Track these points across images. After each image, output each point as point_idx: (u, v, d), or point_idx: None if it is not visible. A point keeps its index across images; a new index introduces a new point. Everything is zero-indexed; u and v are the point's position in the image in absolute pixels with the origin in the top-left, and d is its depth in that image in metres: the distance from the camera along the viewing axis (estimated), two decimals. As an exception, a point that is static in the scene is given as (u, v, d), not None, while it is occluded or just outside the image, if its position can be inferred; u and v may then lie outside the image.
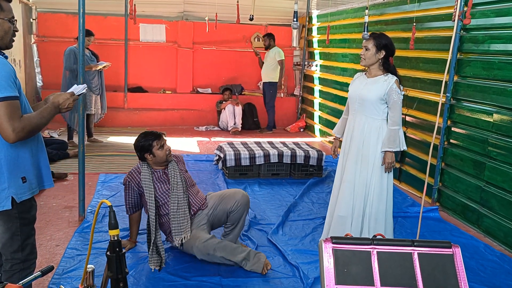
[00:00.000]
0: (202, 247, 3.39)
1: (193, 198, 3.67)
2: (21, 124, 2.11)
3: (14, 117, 2.09)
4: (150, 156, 3.54)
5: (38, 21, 8.76)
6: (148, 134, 3.59)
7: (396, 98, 3.48)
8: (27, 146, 2.29)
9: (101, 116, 7.40)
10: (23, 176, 2.27)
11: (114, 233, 1.62)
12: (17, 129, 2.10)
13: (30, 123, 2.16)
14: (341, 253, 1.48)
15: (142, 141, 3.54)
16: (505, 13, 4.24)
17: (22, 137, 2.14)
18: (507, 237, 4.12)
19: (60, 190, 5.03)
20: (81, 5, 3.95)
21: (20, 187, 2.26)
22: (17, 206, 2.27)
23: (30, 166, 2.31)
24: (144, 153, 3.54)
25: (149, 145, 3.52)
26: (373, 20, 6.48)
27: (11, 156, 2.22)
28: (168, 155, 3.59)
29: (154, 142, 3.52)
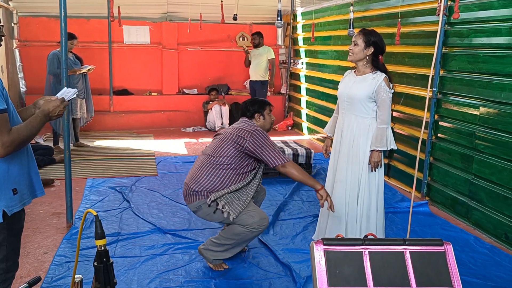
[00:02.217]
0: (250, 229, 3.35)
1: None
2: (10, 138, 2.04)
3: (3, 131, 2.02)
4: (260, 117, 3.51)
5: (19, 26, 8.62)
6: (261, 100, 3.61)
7: (385, 96, 3.44)
8: (17, 157, 2.21)
9: (89, 120, 7.31)
10: (14, 188, 2.20)
11: (101, 243, 1.58)
12: (6, 144, 2.03)
13: (19, 136, 2.09)
14: (332, 255, 1.46)
15: (257, 102, 3.56)
16: (488, 6, 4.26)
17: (11, 151, 2.07)
18: (496, 229, 4.15)
19: (47, 197, 4.95)
20: (63, 8, 3.89)
21: (11, 199, 2.19)
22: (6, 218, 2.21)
23: (21, 176, 2.24)
24: (256, 112, 3.51)
25: (265, 106, 3.54)
26: (357, 16, 6.49)
27: (1, 169, 2.14)
28: (272, 125, 3.63)
29: (268, 106, 3.56)
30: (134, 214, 4.54)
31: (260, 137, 3.32)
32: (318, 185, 3.29)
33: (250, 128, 3.37)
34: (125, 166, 6.26)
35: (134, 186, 5.39)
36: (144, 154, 6.92)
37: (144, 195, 5.12)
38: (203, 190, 3.34)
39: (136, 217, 4.47)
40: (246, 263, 3.59)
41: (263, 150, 3.29)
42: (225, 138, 3.40)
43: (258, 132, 3.34)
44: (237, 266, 3.55)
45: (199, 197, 3.35)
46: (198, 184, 3.36)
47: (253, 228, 3.31)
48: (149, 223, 4.33)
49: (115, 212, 4.58)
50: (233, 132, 3.39)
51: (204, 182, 3.35)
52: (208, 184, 3.34)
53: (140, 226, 4.26)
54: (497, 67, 4.14)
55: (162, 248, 3.81)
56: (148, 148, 7.33)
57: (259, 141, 3.30)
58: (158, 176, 5.84)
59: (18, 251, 2.40)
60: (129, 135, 8.31)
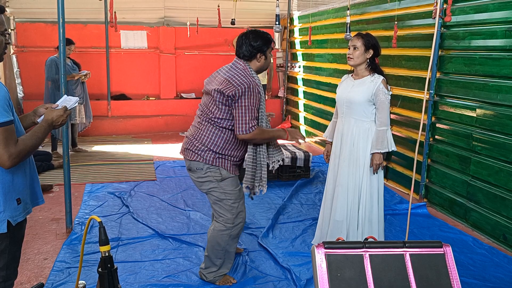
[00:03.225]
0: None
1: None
2: (17, 149, 2.05)
3: (10, 143, 2.03)
4: (261, 56, 3.11)
5: (16, 31, 8.63)
6: (264, 33, 3.14)
7: (383, 98, 3.46)
8: (21, 167, 2.22)
9: (87, 125, 7.33)
10: (18, 198, 2.20)
11: (105, 249, 1.59)
12: (13, 155, 2.04)
13: (26, 147, 2.10)
14: (334, 258, 1.47)
15: (262, 36, 3.09)
16: (484, 9, 4.30)
17: (17, 162, 2.08)
18: (494, 230, 4.17)
19: (46, 202, 4.94)
20: (61, 14, 3.90)
21: (15, 209, 2.19)
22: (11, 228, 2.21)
23: (24, 186, 2.24)
24: (259, 51, 3.08)
25: (268, 44, 3.11)
26: (354, 19, 6.52)
27: (6, 180, 2.15)
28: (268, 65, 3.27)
29: (272, 44, 3.16)
30: (133, 219, 4.55)
31: (249, 94, 2.97)
32: (283, 133, 3.19)
33: (247, 81, 2.99)
34: (123, 171, 6.27)
35: (133, 191, 5.40)
36: (142, 159, 6.93)
37: (143, 200, 5.13)
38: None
39: (135, 222, 4.48)
40: (246, 267, 3.60)
41: (240, 110, 2.97)
42: (215, 92, 3.05)
43: (253, 86, 2.99)
44: (237, 270, 3.56)
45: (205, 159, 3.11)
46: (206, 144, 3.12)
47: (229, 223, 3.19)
48: (149, 227, 4.33)
49: (115, 217, 4.59)
50: (224, 80, 3.05)
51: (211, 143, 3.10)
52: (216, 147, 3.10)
53: (139, 231, 4.27)
54: (493, 69, 4.17)
55: (163, 253, 3.82)
56: (146, 153, 7.34)
57: (244, 99, 2.96)
58: (157, 180, 5.85)
59: (18, 259, 2.40)
60: (127, 140, 8.32)
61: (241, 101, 2.97)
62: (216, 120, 3.06)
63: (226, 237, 3.21)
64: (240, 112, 2.97)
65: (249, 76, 3.03)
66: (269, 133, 3.11)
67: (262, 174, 3.18)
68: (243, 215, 3.27)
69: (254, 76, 3.07)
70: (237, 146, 3.13)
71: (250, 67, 3.10)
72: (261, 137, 3.06)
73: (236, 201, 3.20)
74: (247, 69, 3.08)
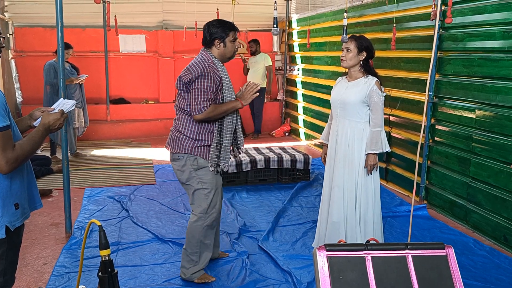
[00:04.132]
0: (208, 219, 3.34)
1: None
2: (15, 155, 2.04)
3: (7, 148, 2.01)
4: (219, 44, 3.25)
5: (15, 36, 8.63)
6: (229, 22, 3.29)
7: (377, 99, 3.49)
8: (19, 172, 2.20)
9: (83, 129, 7.32)
10: (16, 203, 2.19)
11: (106, 253, 1.58)
12: (10, 161, 2.02)
13: (23, 152, 2.09)
14: (335, 260, 1.47)
15: (221, 25, 3.24)
16: (482, 11, 4.30)
17: (15, 167, 2.07)
18: (495, 231, 4.16)
19: (46, 207, 4.93)
20: (59, 19, 3.90)
21: (13, 214, 2.17)
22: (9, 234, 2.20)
23: (21, 191, 2.23)
24: (216, 38, 3.23)
25: (226, 31, 3.24)
26: (352, 22, 6.53)
27: (4, 185, 2.13)
28: (235, 53, 3.36)
29: (231, 32, 3.27)
30: (133, 223, 4.54)
31: (206, 77, 3.14)
32: (236, 103, 3.25)
33: (202, 67, 3.16)
34: (123, 175, 6.26)
35: (133, 195, 5.39)
36: (142, 163, 6.92)
37: (143, 203, 5.12)
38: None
39: (135, 226, 4.46)
40: (247, 271, 3.59)
41: (193, 93, 3.16)
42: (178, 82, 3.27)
43: (206, 72, 3.14)
44: (238, 273, 3.55)
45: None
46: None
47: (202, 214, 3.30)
48: (149, 231, 4.32)
49: (114, 222, 4.58)
50: (185, 69, 3.26)
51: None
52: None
53: (139, 235, 4.26)
54: (492, 70, 4.17)
55: (163, 257, 3.81)
56: (145, 157, 7.33)
57: (197, 83, 3.13)
58: (156, 184, 5.84)
59: (16, 264, 2.38)
60: (127, 144, 8.31)
61: (194, 85, 3.16)
62: (185, 108, 3.25)
63: (200, 227, 3.32)
64: (193, 95, 3.17)
65: (205, 62, 3.21)
66: (222, 107, 3.21)
67: (226, 154, 3.29)
68: (217, 207, 3.39)
69: (215, 62, 3.24)
70: (209, 128, 3.25)
71: (212, 54, 3.28)
72: (215, 113, 3.19)
73: (212, 191, 3.31)
74: (207, 56, 3.26)
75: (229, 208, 4.93)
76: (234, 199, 5.27)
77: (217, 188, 3.37)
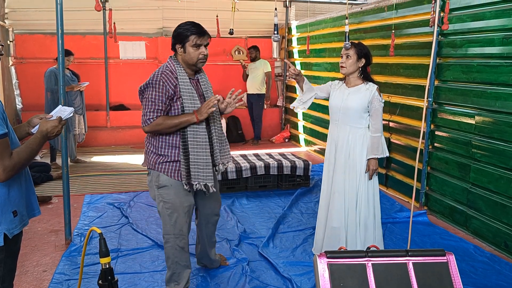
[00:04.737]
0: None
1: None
2: (12, 163, 2.03)
3: (4, 156, 2.01)
4: (180, 49, 2.99)
5: (15, 43, 8.65)
6: (194, 25, 2.99)
7: (378, 105, 3.56)
8: (17, 179, 2.19)
9: (83, 136, 7.32)
10: (14, 210, 2.17)
11: (106, 261, 1.58)
12: (7, 169, 2.02)
13: (20, 160, 2.08)
14: (336, 268, 1.46)
15: (182, 28, 2.98)
16: (481, 17, 4.32)
17: (12, 175, 2.06)
18: (495, 237, 4.15)
19: (45, 214, 4.93)
20: (60, 26, 3.91)
21: (11, 222, 2.16)
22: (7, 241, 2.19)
23: (20, 198, 2.22)
24: (176, 43, 2.99)
25: (186, 36, 2.95)
26: (352, 28, 6.54)
27: (2, 193, 2.12)
28: (200, 60, 3.00)
29: (192, 36, 2.94)
30: (133, 229, 4.53)
31: (153, 86, 2.92)
32: (191, 117, 2.91)
33: (154, 75, 2.97)
34: (123, 182, 6.25)
35: (132, 201, 5.38)
36: (141, 169, 6.90)
37: (143, 210, 5.11)
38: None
39: (135, 233, 4.45)
40: (247, 277, 3.58)
41: (143, 103, 2.97)
42: None
43: (155, 80, 2.93)
44: (238, 280, 3.54)
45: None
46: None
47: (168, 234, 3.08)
48: (148, 238, 4.31)
49: (114, 228, 4.57)
50: None
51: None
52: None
53: (139, 242, 4.25)
54: (491, 76, 4.18)
55: (163, 264, 3.79)
56: (145, 163, 7.31)
57: (146, 93, 2.94)
58: (156, 191, 5.82)
59: (14, 272, 2.37)
60: (127, 150, 8.30)
61: (144, 94, 2.98)
62: None
63: (171, 249, 3.10)
64: (143, 105, 2.98)
65: (160, 69, 2.97)
66: (173, 120, 2.90)
67: (199, 171, 2.96)
68: (184, 231, 3.09)
69: (175, 69, 2.96)
70: (171, 143, 2.97)
71: (176, 60, 3.03)
72: (165, 126, 2.90)
73: (174, 213, 3.03)
74: (169, 62, 3.02)
75: (229, 214, 4.92)
76: (234, 206, 5.26)
77: (184, 210, 3.05)
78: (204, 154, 2.98)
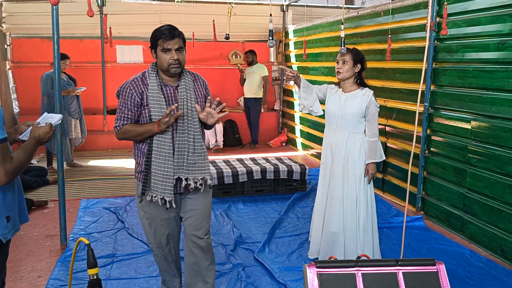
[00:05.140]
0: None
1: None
2: (13, 166, 2.10)
3: (6, 160, 2.07)
4: (154, 54, 2.81)
5: (12, 47, 8.65)
6: (165, 28, 2.78)
7: (374, 110, 3.62)
8: (12, 185, 2.24)
9: (82, 140, 7.31)
10: (8, 216, 2.21)
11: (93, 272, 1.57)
12: (9, 172, 2.08)
13: (19, 163, 2.15)
14: (325, 277, 1.46)
15: (153, 33, 2.80)
16: (476, 22, 4.33)
17: (12, 178, 2.12)
18: (491, 242, 4.15)
19: (41, 219, 4.92)
20: (56, 30, 3.91)
21: (5, 227, 2.19)
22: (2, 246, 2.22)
23: (13, 204, 2.26)
24: (151, 49, 2.82)
25: (155, 40, 2.77)
26: (348, 33, 6.56)
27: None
28: (171, 66, 2.74)
29: (160, 40, 2.74)
30: (128, 234, 4.52)
31: (121, 94, 2.82)
32: (152, 127, 2.72)
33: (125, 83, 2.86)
34: (119, 186, 6.24)
35: (129, 206, 5.37)
36: (138, 173, 6.89)
37: (139, 215, 5.09)
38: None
39: (130, 238, 4.44)
40: (242, 282, 3.57)
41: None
42: None
43: (123, 88, 2.82)
44: (233, 286, 3.53)
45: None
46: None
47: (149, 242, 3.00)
48: (144, 243, 4.29)
49: (110, 233, 4.55)
50: None
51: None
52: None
53: (135, 247, 4.23)
54: (487, 81, 4.19)
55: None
56: (142, 167, 7.29)
57: (118, 100, 2.84)
58: (153, 195, 5.81)
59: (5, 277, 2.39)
60: (123, 155, 8.28)
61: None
62: None
63: (156, 257, 3.04)
64: None
65: (134, 76, 2.85)
66: (138, 129, 2.77)
67: (157, 184, 2.77)
68: (163, 241, 2.95)
69: (149, 75, 2.81)
70: (141, 151, 2.85)
71: (154, 66, 2.85)
72: (132, 135, 2.79)
73: (153, 223, 2.90)
74: (149, 68, 2.86)
75: (225, 219, 4.91)
76: (230, 210, 5.25)
77: (161, 222, 2.90)
78: (164, 166, 2.76)
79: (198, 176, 2.84)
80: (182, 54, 2.79)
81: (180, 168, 2.79)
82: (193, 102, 2.85)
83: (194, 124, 2.84)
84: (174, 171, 2.77)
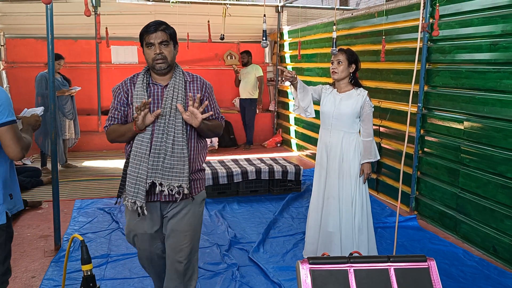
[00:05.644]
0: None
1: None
2: (26, 143, 2.36)
3: (20, 137, 2.33)
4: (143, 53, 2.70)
5: (6, 47, 8.62)
6: (151, 24, 2.64)
7: (369, 110, 3.65)
8: (13, 168, 2.49)
9: (75, 141, 7.29)
10: (10, 193, 2.45)
11: (87, 268, 1.58)
12: (24, 148, 2.33)
13: (28, 142, 2.41)
14: (318, 274, 1.47)
15: (142, 29, 2.67)
16: (469, 24, 4.36)
17: (25, 154, 2.37)
18: (484, 242, 4.18)
19: (35, 219, 4.91)
20: (50, 31, 3.91)
21: (10, 203, 2.43)
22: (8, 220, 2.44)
23: (14, 185, 2.50)
24: (142, 46, 2.70)
25: (140, 37, 2.66)
26: (343, 34, 6.59)
27: (5, 174, 2.39)
28: (155, 61, 2.59)
29: (144, 36, 2.62)
30: (123, 235, 4.51)
31: (112, 94, 2.76)
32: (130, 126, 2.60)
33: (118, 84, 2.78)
34: (113, 187, 6.22)
35: (123, 206, 5.35)
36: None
37: (133, 215, 5.09)
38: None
39: (125, 238, 4.43)
40: (236, 282, 3.58)
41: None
42: None
43: (114, 88, 2.76)
44: (227, 286, 3.54)
45: None
46: None
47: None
48: (139, 243, 4.29)
49: (104, 234, 4.55)
50: None
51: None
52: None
53: (129, 247, 4.22)
54: (479, 82, 4.23)
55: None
56: (137, 168, 7.29)
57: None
58: (147, 196, 5.81)
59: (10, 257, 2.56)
60: (118, 155, 8.26)
61: None
62: None
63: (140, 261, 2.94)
64: None
65: (127, 77, 2.77)
66: (121, 129, 2.67)
67: (130, 187, 2.60)
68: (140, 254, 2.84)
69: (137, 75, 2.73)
70: (126, 154, 2.75)
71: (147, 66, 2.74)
72: (116, 135, 2.68)
73: (131, 233, 2.77)
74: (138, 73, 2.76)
75: (219, 219, 4.92)
76: (225, 211, 5.26)
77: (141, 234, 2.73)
78: (138, 167, 2.57)
79: (174, 183, 2.57)
80: (168, 49, 2.62)
81: (155, 172, 2.56)
82: (179, 102, 2.62)
83: (176, 125, 2.59)
84: (148, 174, 2.55)
